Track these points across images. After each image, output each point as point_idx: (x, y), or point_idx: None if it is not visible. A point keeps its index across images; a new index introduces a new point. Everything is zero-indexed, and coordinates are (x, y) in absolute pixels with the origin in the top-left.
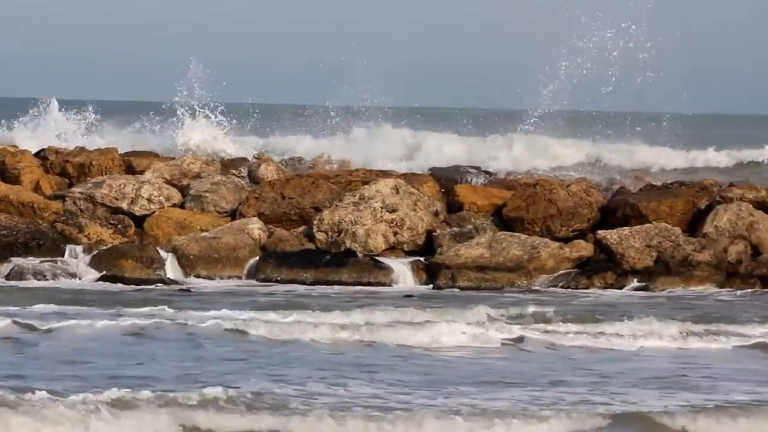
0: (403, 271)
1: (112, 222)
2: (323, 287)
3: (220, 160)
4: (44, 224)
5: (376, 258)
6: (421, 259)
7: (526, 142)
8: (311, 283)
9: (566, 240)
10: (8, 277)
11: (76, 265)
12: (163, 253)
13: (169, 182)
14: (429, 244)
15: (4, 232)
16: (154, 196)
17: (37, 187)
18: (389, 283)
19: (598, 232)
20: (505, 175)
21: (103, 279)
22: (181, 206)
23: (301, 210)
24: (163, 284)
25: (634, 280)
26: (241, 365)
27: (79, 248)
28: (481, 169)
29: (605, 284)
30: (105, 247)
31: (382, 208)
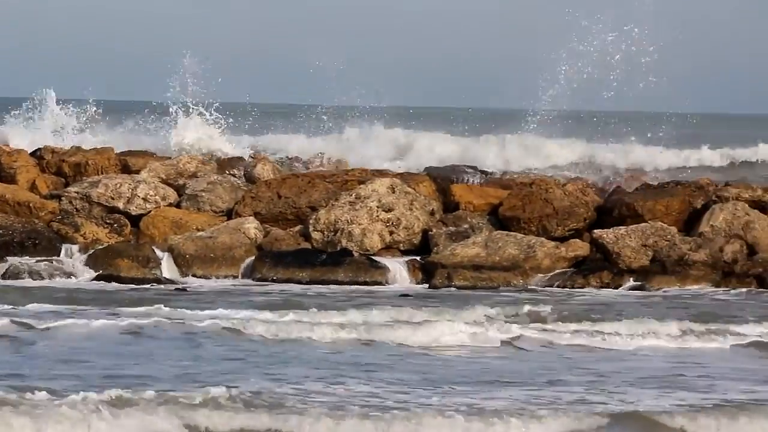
0: (399, 271)
1: (108, 221)
2: (319, 287)
3: (216, 159)
4: (40, 224)
5: (372, 257)
6: (417, 258)
7: (518, 142)
8: (307, 282)
9: (562, 239)
10: (4, 276)
11: (72, 265)
12: (159, 252)
13: (165, 182)
14: (425, 244)
15: (0, 232)
16: (150, 196)
17: (33, 187)
18: (385, 282)
19: (594, 231)
20: (501, 174)
21: (99, 278)
22: (177, 206)
23: (298, 209)
24: (159, 284)
25: (630, 279)
26: (239, 365)
27: (75, 248)
28: (478, 168)
29: (601, 283)
30: (101, 247)
31: (378, 208)
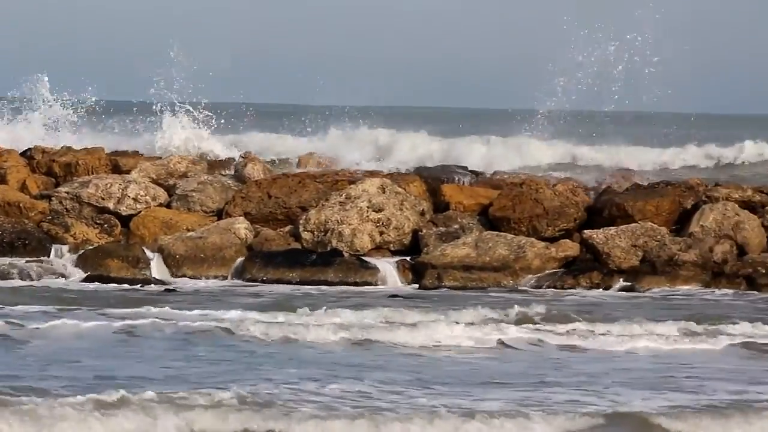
0: (389, 271)
1: (99, 222)
2: (309, 287)
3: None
4: (30, 224)
5: (363, 258)
6: (408, 258)
7: (502, 142)
8: (297, 282)
9: (552, 240)
10: None
11: (62, 265)
12: (149, 252)
13: (155, 182)
14: (415, 244)
15: None
16: (141, 196)
17: (24, 187)
18: (375, 282)
19: (584, 231)
20: (491, 174)
21: (89, 279)
22: (168, 206)
23: (288, 209)
24: (149, 284)
25: (620, 279)
26: (231, 365)
27: (65, 248)
28: (468, 168)
29: (591, 284)
30: (91, 247)
31: (368, 208)
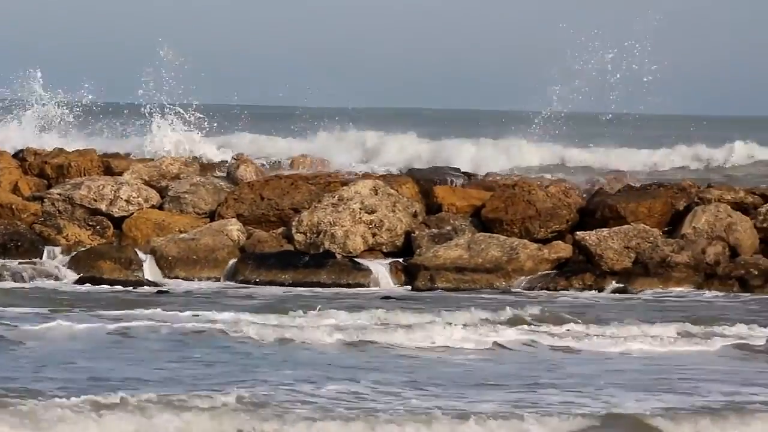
0: (382, 273)
1: (91, 223)
2: (302, 289)
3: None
4: (22, 226)
5: (355, 259)
6: (400, 260)
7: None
8: (290, 284)
9: (545, 241)
10: None
11: (55, 267)
12: (141, 254)
13: (147, 183)
14: (408, 246)
15: None
16: (133, 198)
17: (16, 189)
18: (368, 284)
19: (577, 233)
20: (484, 176)
21: (82, 280)
22: (160, 207)
23: (280, 211)
24: (142, 286)
25: (613, 281)
26: (226, 367)
27: (58, 249)
28: (460, 170)
29: (584, 285)
30: (83, 249)
31: (360, 210)
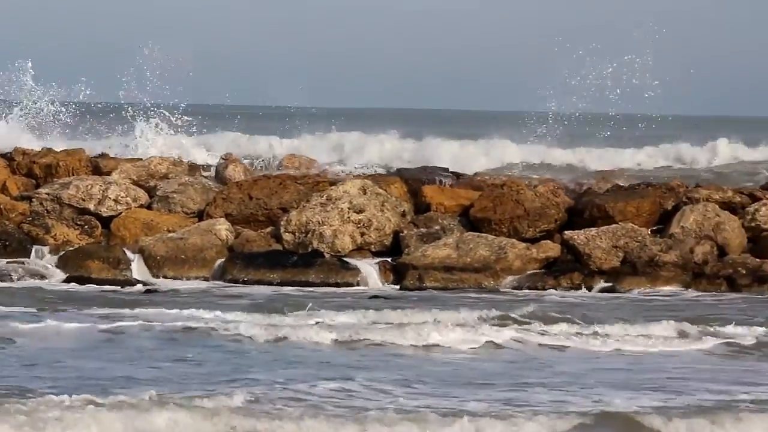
0: (370, 272)
1: (79, 223)
2: (290, 288)
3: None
4: (10, 225)
5: (344, 259)
6: (389, 259)
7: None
8: (278, 284)
9: (533, 241)
10: None
11: (43, 266)
12: (129, 254)
13: (136, 183)
14: (396, 245)
15: None
16: (121, 197)
17: (4, 188)
18: (356, 283)
19: (565, 232)
20: (472, 175)
21: (70, 280)
22: (148, 207)
23: (269, 211)
24: (130, 285)
25: (601, 280)
26: (217, 366)
27: (46, 249)
28: (449, 170)
29: (572, 285)
30: (72, 248)
31: (349, 209)
